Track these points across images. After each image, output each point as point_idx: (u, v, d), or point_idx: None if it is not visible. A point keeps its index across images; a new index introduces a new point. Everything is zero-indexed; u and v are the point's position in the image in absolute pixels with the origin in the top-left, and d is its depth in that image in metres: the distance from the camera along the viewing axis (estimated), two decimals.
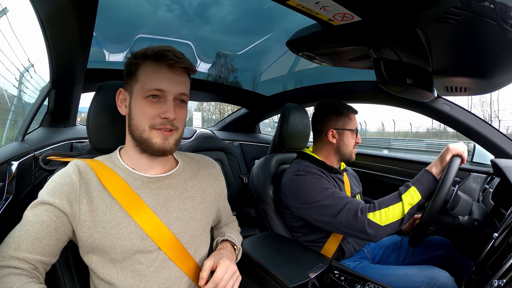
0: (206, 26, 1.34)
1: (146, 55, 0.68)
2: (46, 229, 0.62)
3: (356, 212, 0.96)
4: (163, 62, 0.67)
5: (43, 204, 0.64)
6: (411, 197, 0.95)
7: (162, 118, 0.68)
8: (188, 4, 1.17)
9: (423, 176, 1.00)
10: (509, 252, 0.62)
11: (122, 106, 0.74)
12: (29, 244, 0.61)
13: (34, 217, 0.63)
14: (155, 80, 0.67)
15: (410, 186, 0.98)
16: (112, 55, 1.49)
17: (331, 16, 0.83)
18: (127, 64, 0.72)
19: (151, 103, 0.68)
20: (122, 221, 0.67)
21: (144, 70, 0.69)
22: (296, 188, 1.12)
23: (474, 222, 0.93)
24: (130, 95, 0.71)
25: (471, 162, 1.43)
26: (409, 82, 1.01)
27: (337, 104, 1.26)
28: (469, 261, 1.12)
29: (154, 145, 0.69)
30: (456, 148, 0.98)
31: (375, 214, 0.95)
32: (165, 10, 1.23)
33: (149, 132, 0.69)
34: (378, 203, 0.98)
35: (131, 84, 0.71)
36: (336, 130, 1.23)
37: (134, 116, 0.70)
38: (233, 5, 1.21)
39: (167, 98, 0.68)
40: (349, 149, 1.23)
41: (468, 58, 0.89)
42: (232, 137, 2.43)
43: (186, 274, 0.73)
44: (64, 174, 0.68)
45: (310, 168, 1.16)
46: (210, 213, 0.84)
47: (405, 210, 0.94)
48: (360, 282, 0.84)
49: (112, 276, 0.67)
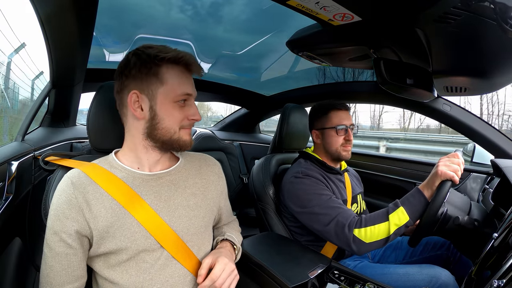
0: (206, 25, 1.34)
1: (170, 59, 0.68)
2: (66, 258, 0.66)
3: (344, 226, 0.96)
4: (187, 67, 0.71)
5: (55, 234, 0.66)
6: (398, 218, 0.92)
7: (190, 119, 0.72)
8: (188, 3, 1.17)
9: (414, 196, 0.95)
10: (509, 252, 0.62)
11: (138, 109, 0.69)
12: (58, 279, 0.66)
13: (53, 251, 0.66)
14: (184, 85, 0.70)
15: (399, 205, 0.94)
16: (112, 55, 1.49)
17: (331, 16, 0.83)
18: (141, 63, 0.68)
19: (180, 107, 0.71)
20: (125, 222, 0.67)
21: (169, 74, 0.68)
22: (293, 191, 1.13)
23: (474, 222, 0.93)
24: (151, 98, 0.69)
25: (471, 162, 1.43)
26: (409, 82, 1.01)
27: (321, 104, 1.25)
28: (469, 261, 1.12)
29: (185, 142, 0.73)
30: (446, 172, 0.88)
31: (360, 231, 0.95)
32: (165, 10, 1.23)
33: (179, 133, 0.72)
34: (365, 220, 0.96)
35: (150, 87, 0.68)
36: (318, 130, 1.25)
37: (162, 119, 0.69)
38: (233, 5, 1.21)
39: (191, 101, 0.73)
40: (334, 147, 1.20)
41: (468, 58, 0.89)
42: (232, 137, 2.44)
43: (189, 271, 0.73)
44: (60, 192, 0.67)
45: (310, 170, 1.15)
46: (212, 210, 0.84)
47: (390, 231, 0.92)
48: (360, 282, 0.84)
49: (117, 276, 0.67)
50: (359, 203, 1.27)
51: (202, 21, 1.29)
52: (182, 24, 1.30)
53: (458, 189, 1.43)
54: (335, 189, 1.16)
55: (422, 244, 1.20)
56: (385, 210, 0.97)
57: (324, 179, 1.14)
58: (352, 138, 1.22)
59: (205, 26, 1.33)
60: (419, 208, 0.92)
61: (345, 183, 1.25)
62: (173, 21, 1.29)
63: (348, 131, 1.21)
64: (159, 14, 1.24)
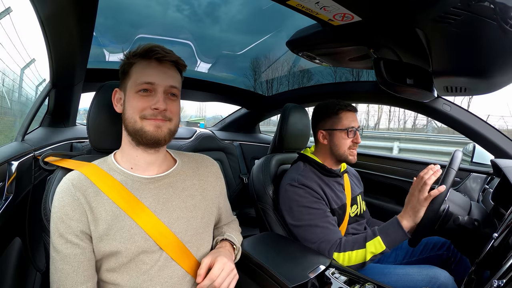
0: (206, 25, 1.35)
1: (137, 53, 0.71)
2: (75, 258, 0.65)
3: (325, 250, 1.01)
4: (152, 57, 0.71)
5: (60, 237, 0.65)
6: (374, 247, 0.96)
7: (153, 109, 0.70)
8: (185, 3, 1.17)
9: (392, 226, 0.97)
10: (509, 252, 0.62)
11: (118, 104, 0.76)
12: (70, 281, 0.65)
13: (61, 253, 0.65)
14: (145, 75, 0.70)
15: (376, 235, 0.97)
16: (112, 55, 1.49)
17: (331, 16, 0.83)
18: (121, 65, 0.75)
19: (142, 97, 0.70)
20: (124, 225, 0.67)
21: (135, 68, 0.72)
22: (287, 201, 1.13)
23: (474, 222, 0.93)
24: (124, 93, 0.73)
25: (471, 162, 1.43)
26: (409, 82, 1.01)
27: (328, 104, 1.21)
28: (469, 261, 1.12)
29: (147, 134, 0.70)
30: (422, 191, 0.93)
31: (339, 255, 0.99)
32: (163, 9, 1.23)
33: (140, 122, 0.70)
34: (344, 245, 1.00)
35: (124, 82, 0.73)
36: (326, 131, 1.19)
37: (126, 109, 0.72)
38: (232, 4, 1.21)
39: (157, 91, 0.70)
40: (342, 149, 1.16)
41: (468, 58, 0.89)
42: (232, 137, 2.43)
43: (188, 272, 0.73)
44: (62, 195, 0.67)
45: (306, 179, 1.12)
46: (211, 211, 0.84)
47: (367, 258, 0.97)
48: (359, 282, 0.84)
49: (117, 277, 0.67)
50: (359, 204, 1.27)
51: (199, 21, 1.29)
52: (180, 24, 1.30)
53: (458, 189, 1.43)
54: (332, 196, 1.14)
55: (422, 244, 1.20)
56: (363, 236, 1.00)
57: (320, 189, 1.12)
58: (360, 140, 1.19)
59: (203, 26, 1.33)
60: (396, 240, 0.96)
61: (344, 185, 1.24)
62: (171, 21, 1.29)
63: (356, 133, 1.17)
64: (156, 14, 1.25)
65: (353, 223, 1.21)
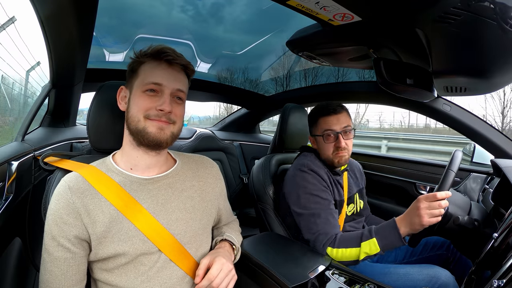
0: (210, 26, 1.35)
1: (147, 53, 0.72)
2: (65, 262, 0.65)
3: (321, 242, 1.01)
4: (162, 59, 0.71)
5: (53, 240, 0.65)
6: (369, 248, 0.95)
7: (158, 110, 0.69)
8: (190, 4, 1.18)
9: (389, 230, 0.94)
10: (509, 252, 0.62)
11: (122, 102, 0.76)
12: (57, 284, 0.65)
13: (52, 256, 0.65)
14: (153, 75, 0.70)
15: (373, 236, 0.95)
16: (112, 55, 1.49)
17: (331, 16, 0.83)
18: (130, 63, 0.75)
19: (148, 96, 0.70)
20: (122, 227, 0.67)
21: (144, 67, 0.72)
22: (295, 186, 1.12)
23: (474, 222, 0.93)
24: (130, 91, 0.73)
25: (471, 162, 1.43)
26: (409, 82, 1.00)
27: (312, 110, 1.22)
28: (469, 261, 1.12)
29: (149, 135, 0.69)
30: (430, 221, 0.87)
31: (332, 250, 0.98)
32: (167, 9, 1.23)
33: (144, 122, 0.69)
34: (339, 241, 0.99)
35: (131, 81, 0.73)
36: (312, 137, 1.23)
37: (131, 108, 0.72)
38: (237, 5, 1.21)
39: (164, 93, 0.70)
40: (326, 154, 1.14)
41: (468, 58, 0.89)
42: (232, 137, 2.43)
43: (187, 273, 0.73)
44: (57, 197, 0.67)
45: (315, 165, 1.13)
46: (210, 212, 0.84)
47: (360, 257, 0.96)
48: (359, 281, 0.84)
49: (115, 278, 0.67)
50: (356, 202, 1.27)
51: (203, 21, 1.29)
52: (183, 24, 1.30)
53: (458, 189, 1.43)
54: (334, 189, 1.16)
55: (422, 244, 1.20)
56: (359, 234, 0.98)
57: (327, 177, 1.14)
58: (344, 144, 1.11)
59: (206, 26, 1.33)
60: (392, 245, 0.94)
61: (343, 183, 1.24)
62: (174, 21, 1.29)
63: (339, 137, 1.11)
64: (160, 14, 1.25)
65: (350, 222, 1.21)
